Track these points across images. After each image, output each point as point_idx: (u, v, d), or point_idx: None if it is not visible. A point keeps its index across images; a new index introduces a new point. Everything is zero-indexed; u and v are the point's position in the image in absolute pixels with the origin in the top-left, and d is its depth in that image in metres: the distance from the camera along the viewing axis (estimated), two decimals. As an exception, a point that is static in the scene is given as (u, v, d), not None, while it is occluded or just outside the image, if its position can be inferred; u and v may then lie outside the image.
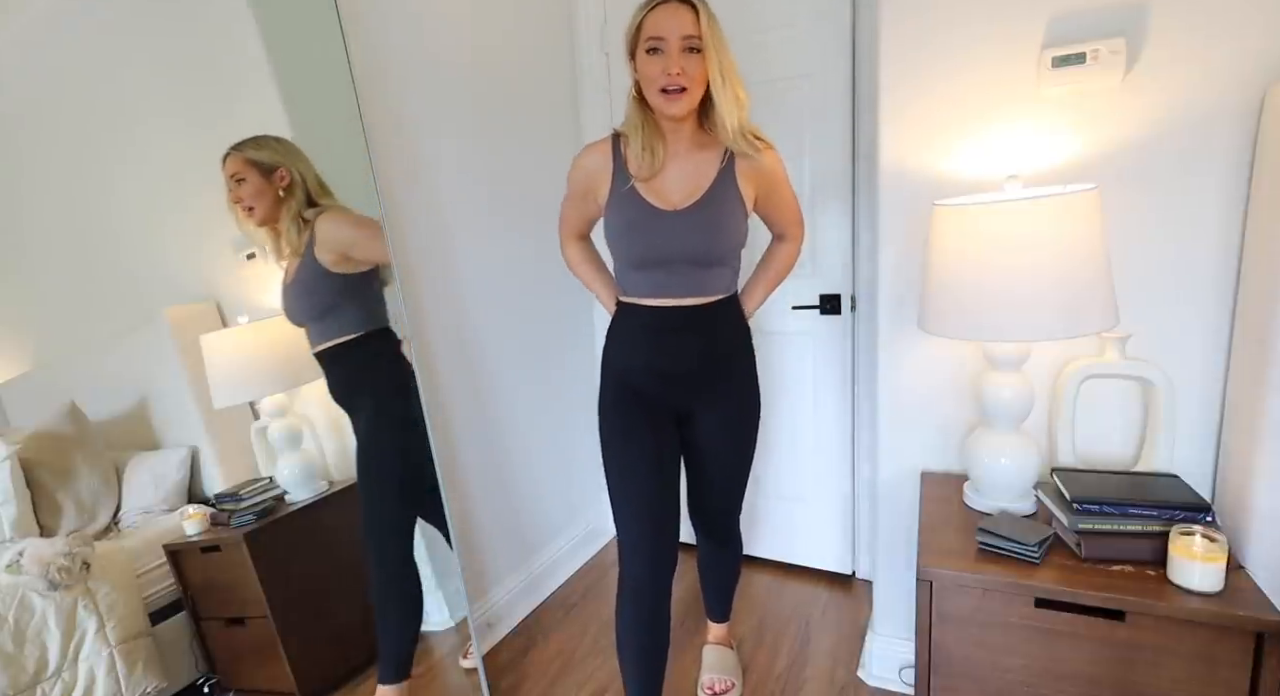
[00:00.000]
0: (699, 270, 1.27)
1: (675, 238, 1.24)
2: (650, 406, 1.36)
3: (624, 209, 1.26)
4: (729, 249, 1.29)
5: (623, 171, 1.27)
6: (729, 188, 1.26)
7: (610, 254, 1.33)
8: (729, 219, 1.26)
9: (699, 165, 1.26)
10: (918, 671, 1.24)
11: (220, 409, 1.45)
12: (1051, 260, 1.07)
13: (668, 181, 1.26)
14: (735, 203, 1.27)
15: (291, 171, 1.38)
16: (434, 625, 1.76)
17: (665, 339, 1.32)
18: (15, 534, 1.30)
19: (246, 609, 1.45)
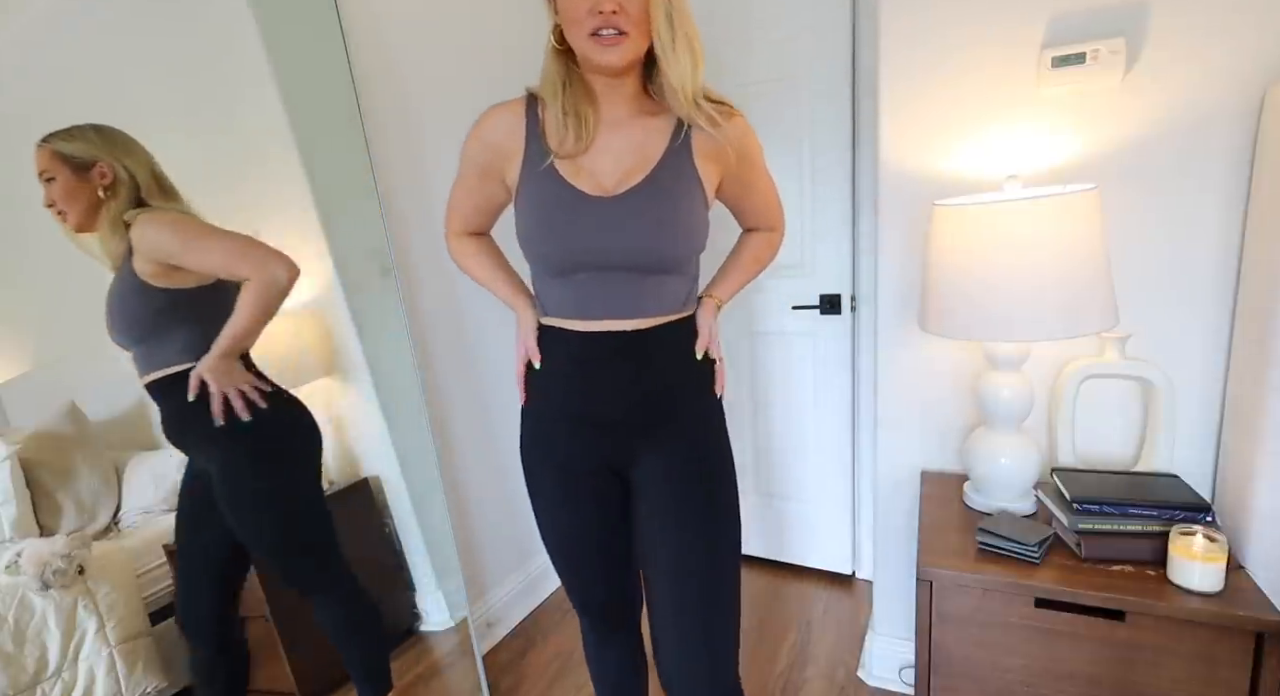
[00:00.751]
0: (640, 280, 0.94)
1: (607, 233, 0.91)
2: (581, 464, 1.04)
3: (539, 194, 0.94)
4: (682, 250, 0.95)
5: (538, 144, 0.95)
6: (683, 167, 0.95)
7: (524, 259, 1.01)
8: (682, 208, 0.94)
9: (642, 137, 0.95)
10: (918, 671, 1.24)
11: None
12: (1051, 260, 1.07)
13: (599, 157, 0.94)
14: (691, 186, 0.95)
15: (115, 168, 1.18)
16: (434, 625, 1.76)
17: (590, 377, 0.98)
18: (15, 534, 1.30)
19: (246, 609, 1.45)
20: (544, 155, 0.94)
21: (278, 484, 1.33)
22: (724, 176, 1.02)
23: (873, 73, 1.42)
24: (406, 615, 1.74)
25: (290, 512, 1.36)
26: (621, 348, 0.97)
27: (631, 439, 1.01)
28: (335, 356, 1.55)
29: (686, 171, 0.96)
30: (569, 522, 1.08)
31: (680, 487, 1.01)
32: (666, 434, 1.01)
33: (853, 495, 2.11)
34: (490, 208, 1.08)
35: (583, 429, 1.02)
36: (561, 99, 0.93)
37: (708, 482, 1.03)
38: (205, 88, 1.43)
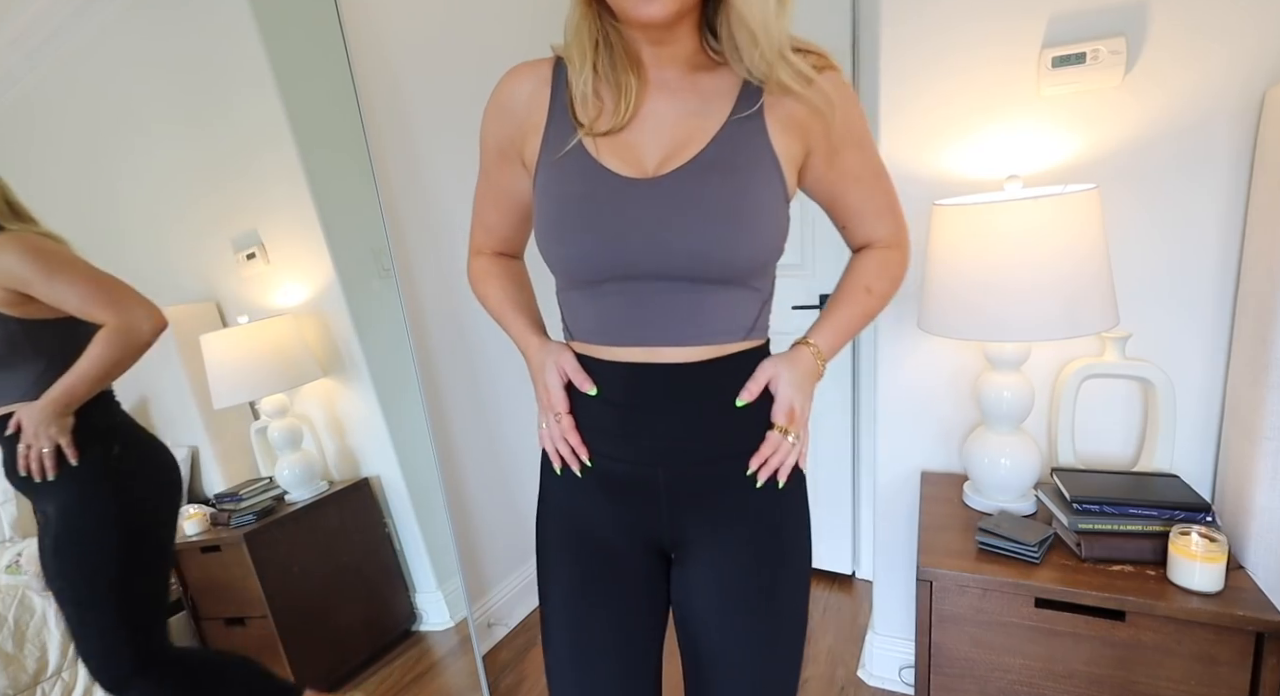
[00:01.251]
0: (693, 294, 0.71)
1: (646, 227, 0.69)
2: (618, 540, 0.80)
3: (559, 177, 0.73)
4: (749, 252, 0.71)
5: (565, 115, 0.73)
6: (752, 140, 0.71)
7: (547, 266, 0.78)
8: (751, 193, 0.70)
9: (698, 103, 0.72)
10: (918, 671, 1.24)
11: (220, 409, 1.45)
12: (1051, 260, 1.07)
13: (639, 129, 0.72)
14: (763, 166, 0.72)
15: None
16: (434, 625, 1.76)
17: (632, 423, 0.75)
18: (15, 534, 1.30)
19: (246, 609, 1.45)
20: (570, 130, 0.72)
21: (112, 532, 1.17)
22: (812, 157, 0.76)
23: (873, 73, 1.42)
24: (406, 615, 1.74)
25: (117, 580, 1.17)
26: (664, 386, 0.73)
27: (679, 510, 0.78)
28: (335, 356, 1.55)
29: (758, 146, 0.71)
30: (590, 616, 0.80)
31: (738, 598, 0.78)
32: (727, 511, 0.78)
33: (853, 495, 2.11)
34: (515, 209, 0.84)
35: (619, 496, 0.79)
36: (593, 61, 0.71)
37: (775, 587, 0.78)
38: (205, 87, 1.43)
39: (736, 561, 0.78)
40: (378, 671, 1.65)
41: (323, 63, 1.46)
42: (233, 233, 1.46)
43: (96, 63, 1.36)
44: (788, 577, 0.80)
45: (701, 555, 0.79)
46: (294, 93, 1.41)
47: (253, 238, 1.45)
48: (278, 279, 1.48)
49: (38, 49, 1.31)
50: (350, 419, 1.60)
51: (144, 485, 1.23)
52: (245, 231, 1.46)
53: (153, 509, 1.25)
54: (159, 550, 1.26)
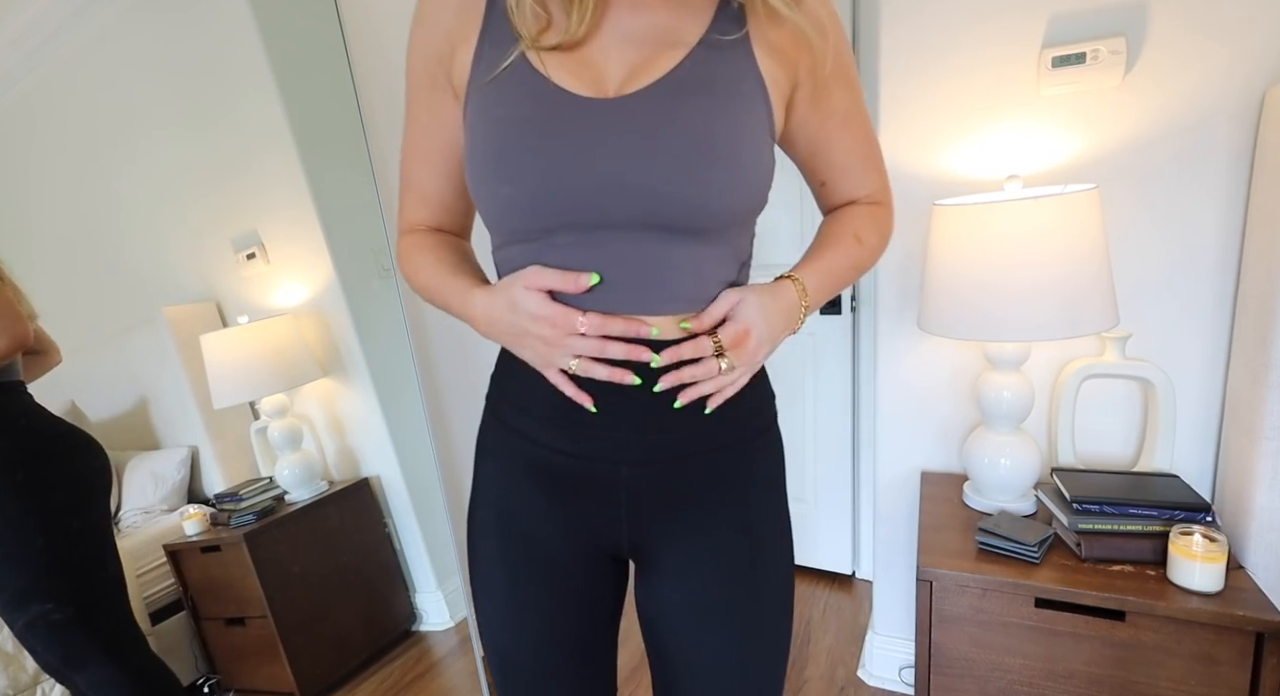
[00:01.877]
0: (663, 246, 0.58)
1: (613, 158, 0.55)
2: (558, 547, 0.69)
3: (497, 96, 0.59)
4: (733, 195, 0.58)
5: (501, 21, 0.60)
6: (736, 63, 0.59)
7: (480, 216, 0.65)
8: (734, 124, 0.58)
9: (668, 15, 0.59)
10: (918, 671, 1.24)
11: (220, 409, 1.45)
12: (1051, 260, 1.07)
13: (601, 44, 0.59)
14: (750, 93, 0.60)
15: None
16: (434, 625, 1.76)
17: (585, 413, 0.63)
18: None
19: (246, 609, 1.45)
20: (509, 39, 0.59)
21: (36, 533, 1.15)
22: (797, 94, 0.63)
23: (873, 73, 1.42)
24: (406, 615, 1.74)
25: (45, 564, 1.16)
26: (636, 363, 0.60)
27: (642, 515, 0.66)
28: (335, 356, 1.55)
29: (741, 67, 0.59)
30: (529, 625, 0.69)
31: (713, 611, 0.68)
32: (699, 515, 0.67)
33: (853, 495, 2.11)
34: (451, 159, 0.68)
35: (565, 493, 0.66)
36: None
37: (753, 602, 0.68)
38: (205, 88, 1.43)
39: (710, 574, 0.67)
40: (378, 671, 1.65)
41: (323, 63, 1.46)
42: (233, 233, 1.46)
43: (97, 63, 1.36)
44: (767, 589, 0.69)
45: (670, 566, 0.68)
46: (294, 93, 1.41)
47: (253, 238, 1.46)
48: (278, 279, 1.48)
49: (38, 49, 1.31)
50: (350, 419, 1.60)
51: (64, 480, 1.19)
52: (245, 231, 1.46)
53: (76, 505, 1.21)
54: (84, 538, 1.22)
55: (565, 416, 0.63)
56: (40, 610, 1.15)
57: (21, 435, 1.16)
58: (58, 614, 1.16)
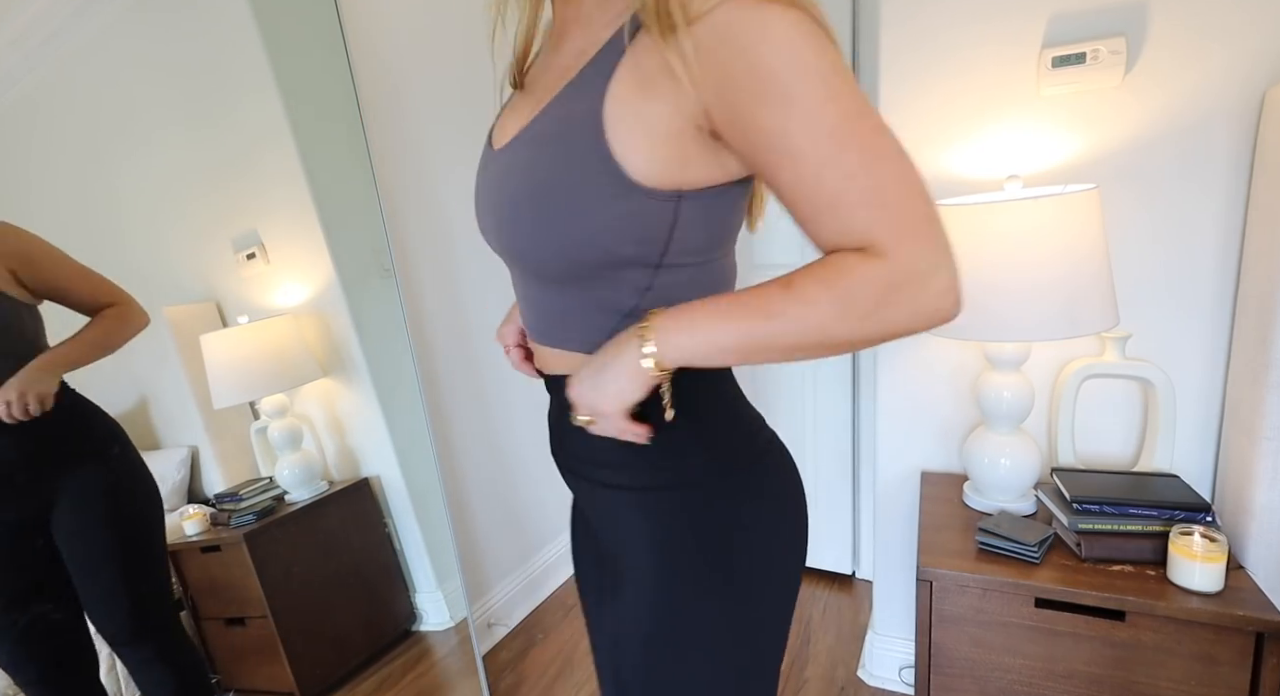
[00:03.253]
0: (542, 289, 0.62)
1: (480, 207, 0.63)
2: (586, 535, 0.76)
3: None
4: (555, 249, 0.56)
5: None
6: (585, 102, 0.53)
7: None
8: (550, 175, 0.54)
9: (572, 54, 0.58)
10: (918, 671, 1.24)
11: (220, 409, 1.45)
12: (1051, 260, 1.07)
13: (531, 85, 0.63)
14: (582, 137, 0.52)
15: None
16: (434, 625, 1.76)
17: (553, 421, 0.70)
18: (15, 534, 1.30)
19: (246, 609, 1.45)
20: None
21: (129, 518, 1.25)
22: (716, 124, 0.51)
23: (873, 72, 1.42)
24: (406, 615, 1.74)
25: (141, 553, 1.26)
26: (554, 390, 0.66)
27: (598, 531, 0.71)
28: (335, 356, 1.55)
29: (587, 107, 0.53)
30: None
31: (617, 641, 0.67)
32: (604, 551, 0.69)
33: (853, 495, 2.11)
34: None
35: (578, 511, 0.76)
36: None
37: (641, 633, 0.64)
38: (206, 88, 1.43)
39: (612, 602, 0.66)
40: (378, 671, 1.65)
41: (323, 63, 1.46)
42: (233, 233, 1.45)
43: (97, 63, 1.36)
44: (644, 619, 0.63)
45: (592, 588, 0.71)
46: (294, 93, 1.41)
47: (253, 238, 1.45)
48: (278, 279, 1.48)
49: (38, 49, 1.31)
50: (350, 419, 1.60)
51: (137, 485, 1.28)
52: (245, 231, 1.46)
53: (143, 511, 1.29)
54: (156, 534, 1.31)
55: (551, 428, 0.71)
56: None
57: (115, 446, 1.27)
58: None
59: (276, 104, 1.40)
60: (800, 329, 0.50)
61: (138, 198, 1.46)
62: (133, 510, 1.25)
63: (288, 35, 1.43)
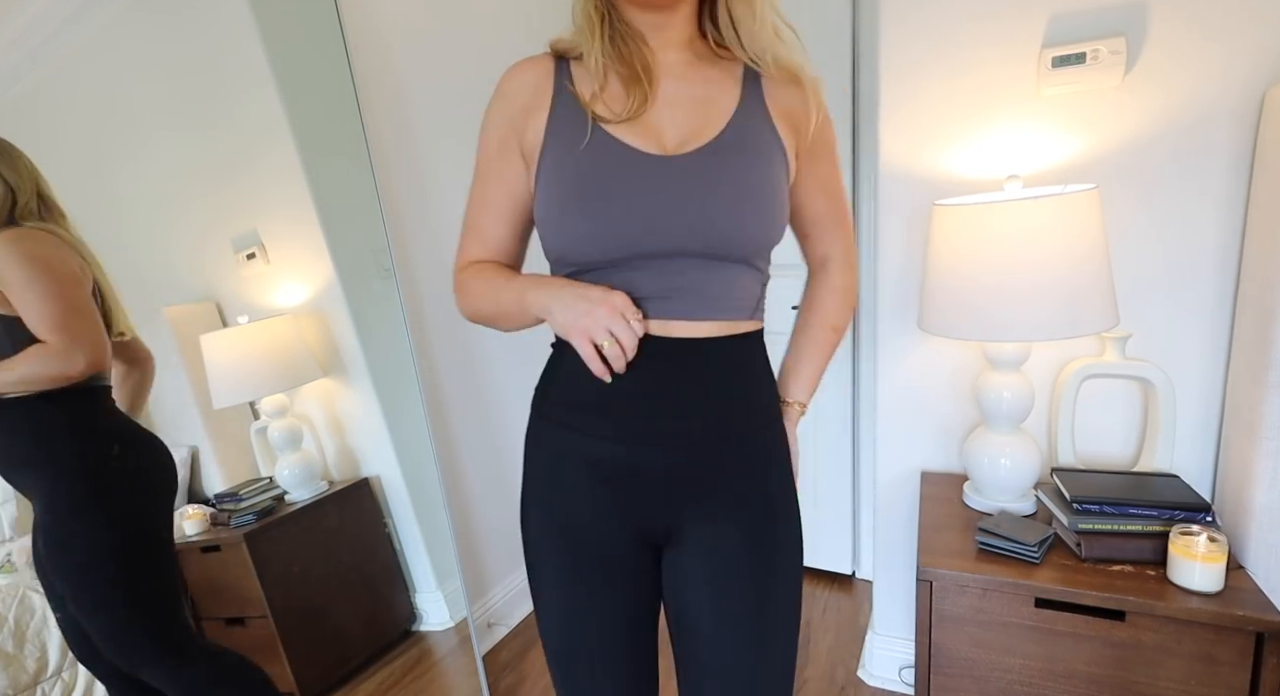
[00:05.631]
0: (708, 270, 0.72)
1: (674, 202, 0.69)
2: (607, 533, 0.78)
3: (580, 155, 0.71)
4: (764, 231, 0.73)
5: (569, 96, 0.74)
6: (761, 125, 0.75)
7: (545, 255, 0.78)
8: (767, 175, 0.73)
9: (704, 88, 0.75)
10: (918, 671, 1.24)
11: (220, 409, 1.45)
12: (1051, 260, 1.07)
13: (658, 112, 0.73)
14: (773, 150, 0.75)
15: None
16: (434, 625, 1.76)
17: (637, 398, 0.73)
18: (15, 533, 1.30)
19: (246, 609, 1.45)
20: (577, 109, 0.72)
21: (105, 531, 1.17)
22: (799, 146, 0.78)
23: (873, 73, 1.42)
24: (406, 615, 1.74)
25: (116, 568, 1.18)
26: (677, 360, 0.72)
27: (677, 501, 0.75)
28: (335, 356, 1.55)
29: (767, 132, 0.75)
30: (583, 619, 0.78)
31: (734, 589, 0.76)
32: (725, 499, 0.76)
33: (853, 495, 2.11)
34: (514, 210, 0.79)
35: (612, 482, 0.75)
36: (601, 38, 0.72)
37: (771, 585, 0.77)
38: (206, 88, 1.43)
39: (732, 551, 0.76)
40: (378, 671, 1.65)
41: (323, 63, 1.46)
42: (233, 233, 1.45)
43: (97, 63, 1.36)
44: (784, 573, 0.78)
45: (697, 545, 0.77)
46: (294, 93, 1.41)
47: (253, 238, 1.46)
48: (278, 279, 1.48)
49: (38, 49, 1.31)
50: (350, 419, 1.60)
51: (139, 484, 1.23)
52: (245, 231, 1.46)
53: (149, 508, 1.25)
54: (159, 546, 1.26)
55: (609, 405, 0.73)
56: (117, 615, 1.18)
57: (101, 439, 1.19)
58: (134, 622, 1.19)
59: (276, 104, 1.40)
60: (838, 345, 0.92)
61: (138, 198, 1.46)
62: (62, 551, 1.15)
63: (288, 35, 1.43)
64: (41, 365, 1.09)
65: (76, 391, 1.15)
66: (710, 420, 0.74)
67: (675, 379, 0.72)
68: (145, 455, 1.25)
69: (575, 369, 0.73)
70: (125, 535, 1.19)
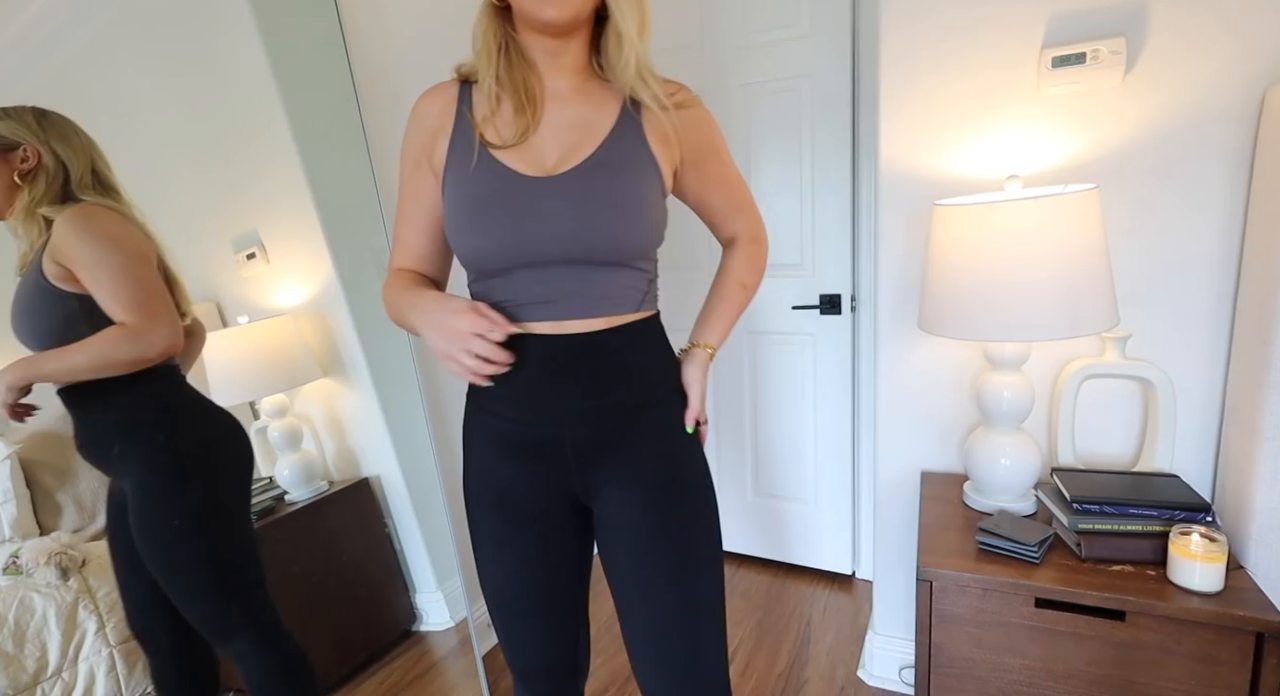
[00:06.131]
0: (590, 274, 0.83)
1: (551, 217, 0.80)
2: (527, 496, 0.89)
3: (470, 178, 0.82)
4: (637, 238, 0.84)
5: (465, 120, 0.84)
6: (635, 145, 0.85)
7: (458, 259, 0.89)
8: (637, 189, 0.83)
9: (586, 112, 0.85)
10: (918, 671, 1.24)
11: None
12: (1052, 260, 1.07)
13: (540, 135, 0.83)
14: (644, 166, 0.85)
15: (42, 153, 1.08)
16: (434, 625, 1.76)
17: (536, 388, 0.85)
18: (15, 534, 1.30)
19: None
20: (471, 133, 0.83)
21: (197, 509, 1.17)
22: (681, 163, 0.91)
23: (873, 73, 1.42)
24: (406, 615, 1.74)
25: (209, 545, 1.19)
26: (570, 353, 0.84)
27: (586, 466, 0.88)
28: (335, 356, 1.55)
29: (639, 150, 0.85)
30: (511, 567, 0.90)
31: (648, 528, 0.88)
32: (628, 459, 0.88)
33: (853, 495, 2.11)
34: (429, 220, 0.90)
35: (528, 455, 0.87)
36: (496, 65, 0.82)
37: (681, 521, 0.89)
38: (206, 88, 1.43)
39: (642, 498, 0.88)
40: (378, 671, 1.66)
41: (323, 63, 1.46)
42: (233, 233, 1.45)
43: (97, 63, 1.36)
44: (694, 514, 0.90)
45: (611, 499, 0.89)
46: (294, 92, 1.41)
47: (253, 238, 1.46)
48: (278, 279, 1.48)
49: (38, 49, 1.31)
50: (350, 419, 1.60)
51: (223, 460, 1.23)
52: (245, 231, 1.46)
53: (234, 483, 1.25)
54: (245, 521, 1.27)
55: (515, 397, 0.86)
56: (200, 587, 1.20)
57: (183, 419, 1.19)
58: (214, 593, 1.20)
59: (277, 103, 1.40)
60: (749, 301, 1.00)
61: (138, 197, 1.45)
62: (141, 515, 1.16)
63: (288, 35, 1.43)
64: (118, 347, 1.06)
65: (155, 373, 1.14)
66: (602, 399, 0.86)
67: (568, 368, 0.84)
68: (224, 431, 1.24)
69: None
70: (215, 511, 1.19)
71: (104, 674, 1.28)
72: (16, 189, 1.08)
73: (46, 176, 1.09)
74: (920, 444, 1.52)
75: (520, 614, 0.93)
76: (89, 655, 1.27)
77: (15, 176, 1.08)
